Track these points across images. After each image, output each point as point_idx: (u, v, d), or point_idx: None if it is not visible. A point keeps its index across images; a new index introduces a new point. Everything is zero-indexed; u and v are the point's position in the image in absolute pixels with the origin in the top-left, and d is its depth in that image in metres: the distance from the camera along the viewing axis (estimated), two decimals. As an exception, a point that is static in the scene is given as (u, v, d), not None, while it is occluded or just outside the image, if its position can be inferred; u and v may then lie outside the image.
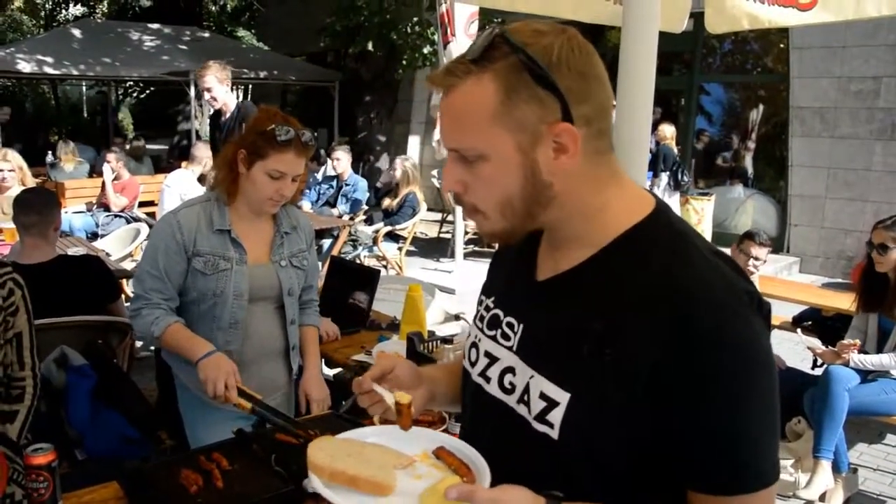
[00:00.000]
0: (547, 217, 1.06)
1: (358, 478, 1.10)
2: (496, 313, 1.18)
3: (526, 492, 0.98)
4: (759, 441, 0.96)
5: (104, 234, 7.11)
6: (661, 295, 0.96)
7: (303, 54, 15.26)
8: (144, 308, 2.29)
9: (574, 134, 0.98)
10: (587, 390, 1.00)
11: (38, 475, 1.71)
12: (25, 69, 11.29)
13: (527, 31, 0.99)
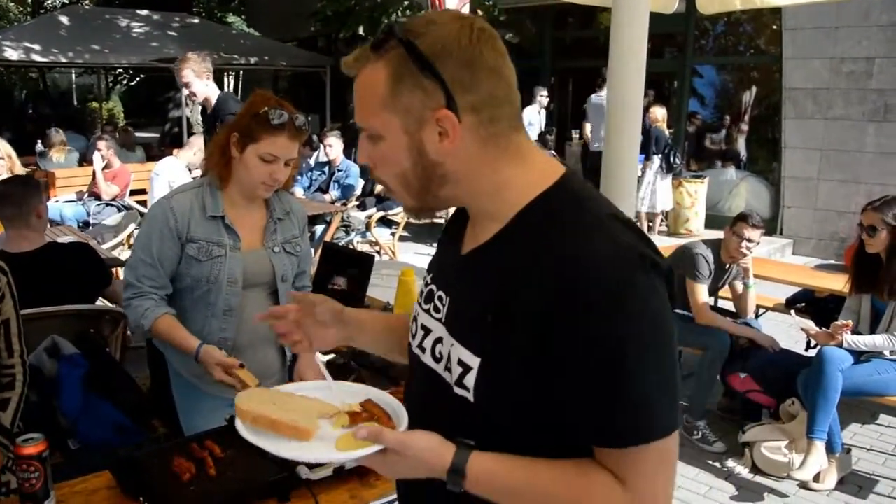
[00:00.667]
0: (447, 194, 1.14)
1: (279, 422, 1.15)
2: (431, 288, 1.25)
3: (435, 436, 1.08)
4: (650, 397, 1.01)
5: (95, 223, 7.08)
6: (549, 264, 1.02)
7: (294, 40, 15.17)
8: (135, 299, 2.28)
9: (453, 121, 1.06)
10: (493, 355, 1.07)
11: (28, 465, 1.70)
12: (13, 57, 11.17)
13: (421, 22, 1.08)
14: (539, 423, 1.06)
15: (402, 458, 1.08)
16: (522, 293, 1.03)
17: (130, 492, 1.78)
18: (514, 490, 1.07)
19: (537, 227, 1.08)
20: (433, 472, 1.08)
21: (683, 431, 4.26)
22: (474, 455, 1.07)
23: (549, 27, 12.40)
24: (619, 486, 1.02)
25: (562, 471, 1.05)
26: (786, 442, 3.86)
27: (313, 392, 1.29)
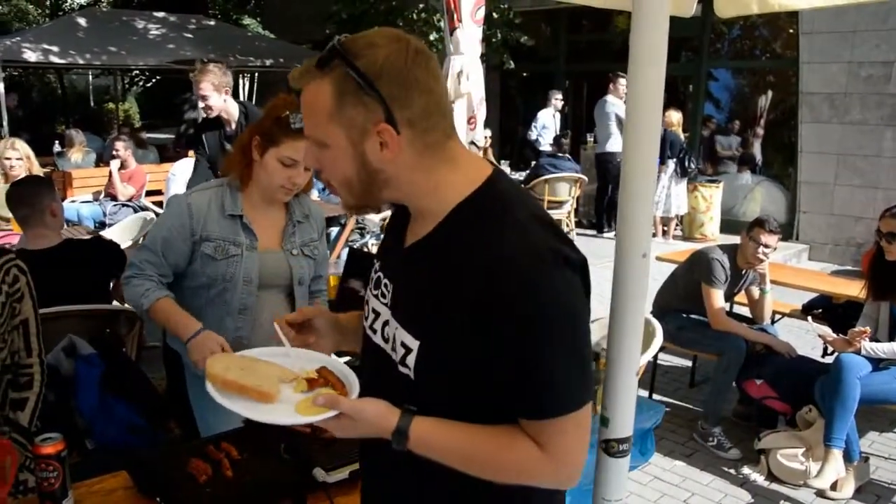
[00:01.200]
0: (388, 195, 1.27)
1: (246, 387, 1.29)
2: (379, 275, 1.39)
3: (383, 403, 1.25)
4: (562, 375, 1.16)
5: (112, 224, 7.12)
6: (473, 259, 1.16)
7: (308, 42, 15.19)
8: (135, 278, 2.30)
9: (392, 133, 1.17)
10: (430, 338, 1.22)
11: (47, 465, 1.71)
12: (32, 58, 11.25)
13: (363, 42, 1.18)
14: (470, 397, 1.22)
15: (354, 422, 1.24)
16: (453, 284, 1.18)
17: (147, 492, 1.78)
18: (449, 449, 1.23)
19: (465, 224, 1.21)
20: (381, 433, 1.24)
21: (698, 438, 4.24)
22: (416, 419, 1.23)
23: (564, 30, 12.38)
24: (538, 449, 1.19)
25: (492, 434, 1.22)
26: (802, 449, 3.82)
27: (275, 358, 1.42)
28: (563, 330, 1.16)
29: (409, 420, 1.23)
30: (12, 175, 5.45)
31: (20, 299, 2.22)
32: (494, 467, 1.23)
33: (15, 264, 2.21)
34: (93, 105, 23.46)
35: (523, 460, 1.20)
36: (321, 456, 1.84)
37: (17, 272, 2.21)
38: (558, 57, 12.42)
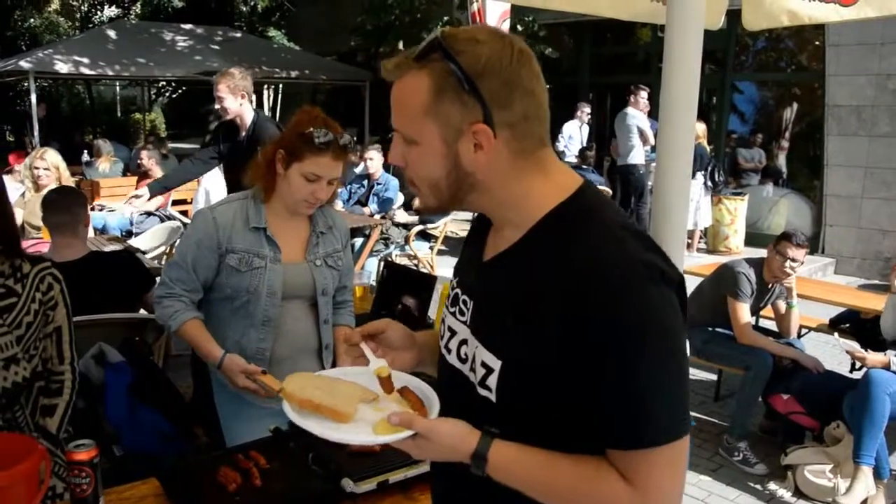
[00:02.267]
0: (472, 201, 1.20)
1: (321, 406, 1.24)
2: (457, 292, 1.31)
3: (462, 424, 1.16)
4: (657, 402, 1.06)
5: (138, 233, 7.19)
6: (563, 271, 1.08)
7: (333, 54, 15.32)
8: (167, 298, 2.35)
9: (489, 135, 1.11)
10: (513, 358, 1.14)
11: (80, 471, 1.73)
12: (63, 70, 11.47)
13: (465, 37, 1.11)
14: (554, 423, 1.13)
15: (431, 443, 1.16)
16: (539, 299, 1.10)
17: (177, 500, 1.80)
18: (530, 477, 1.14)
19: (553, 236, 1.13)
20: (458, 456, 1.16)
21: (724, 452, 4.19)
22: (497, 443, 1.14)
23: (588, 42, 12.38)
24: (626, 484, 1.08)
25: (576, 464, 1.11)
26: (830, 466, 3.77)
27: (355, 377, 1.35)
28: (660, 350, 1.06)
29: (489, 444, 1.14)
30: (42, 185, 5.53)
31: (54, 307, 2.25)
32: (575, 499, 1.13)
33: (50, 272, 2.24)
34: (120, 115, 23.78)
35: (607, 494, 1.09)
36: (349, 466, 1.84)
37: (52, 280, 2.24)
38: (582, 69, 12.41)
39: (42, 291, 2.20)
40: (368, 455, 1.92)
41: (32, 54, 12.42)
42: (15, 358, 2.11)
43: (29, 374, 2.16)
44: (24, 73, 11.33)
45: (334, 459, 1.88)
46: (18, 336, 2.12)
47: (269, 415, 2.26)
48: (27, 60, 11.50)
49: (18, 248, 2.18)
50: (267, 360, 2.37)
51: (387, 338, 1.38)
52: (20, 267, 2.17)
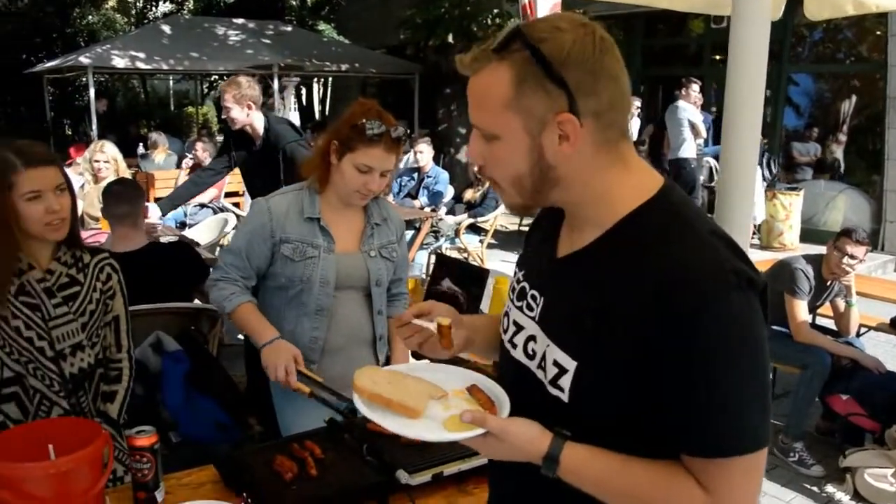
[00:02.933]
0: (556, 197, 1.16)
1: (391, 401, 1.25)
2: (524, 286, 1.29)
3: (534, 425, 1.14)
4: (739, 410, 1.04)
5: (192, 224, 7.32)
6: (649, 274, 1.05)
7: (382, 47, 15.37)
8: (222, 281, 2.40)
9: (575, 125, 1.07)
10: (590, 359, 1.11)
11: (141, 456, 1.77)
12: (120, 64, 11.74)
13: (546, 26, 1.08)
14: (630, 427, 1.10)
15: (502, 443, 1.14)
16: (621, 300, 1.07)
17: (234, 488, 1.82)
18: (603, 481, 1.12)
19: (638, 236, 1.10)
20: (529, 457, 1.14)
21: (779, 452, 4.11)
22: (569, 445, 1.12)
23: (640, 34, 12.21)
24: (703, 492, 1.06)
25: (650, 470, 1.10)
26: (892, 470, 3.67)
27: (425, 374, 1.36)
28: (743, 357, 1.04)
29: (562, 446, 1.12)
30: (101, 177, 5.67)
31: (112, 296, 2.31)
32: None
33: (108, 263, 2.30)
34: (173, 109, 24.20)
35: (683, 501, 1.08)
36: (404, 458, 1.85)
37: (111, 270, 2.30)
38: (633, 61, 12.25)
39: (102, 281, 2.27)
40: (423, 447, 1.92)
41: (91, 50, 12.74)
42: (80, 345, 2.18)
43: (93, 360, 2.22)
44: (83, 69, 11.63)
45: (388, 451, 1.89)
46: (83, 323, 2.18)
47: (323, 405, 2.28)
48: (86, 56, 11.81)
49: (80, 240, 2.24)
50: (320, 350, 2.39)
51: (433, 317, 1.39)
52: (81, 257, 2.24)
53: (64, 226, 2.09)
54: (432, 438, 1.23)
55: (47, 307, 2.12)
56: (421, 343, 1.42)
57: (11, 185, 2.00)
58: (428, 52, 12.47)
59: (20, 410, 2.13)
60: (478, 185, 7.72)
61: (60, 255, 2.18)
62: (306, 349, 2.37)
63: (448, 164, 11.12)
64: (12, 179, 2.00)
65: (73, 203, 2.12)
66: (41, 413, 2.14)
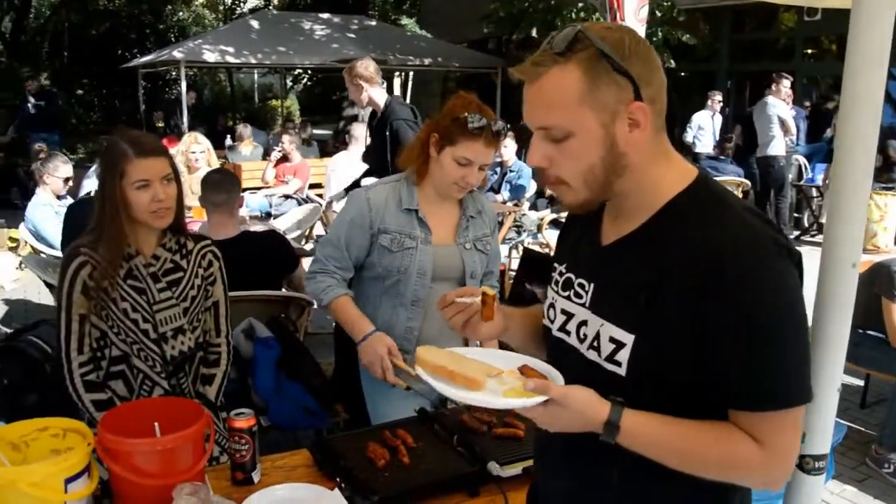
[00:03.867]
0: (620, 186, 1.24)
1: (455, 373, 1.32)
2: (568, 277, 1.38)
3: (592, 392, 1.21)
4: (790, 366, 1.15)
5: (277, 215, 7.49)
6: (698, 249, 1.15)
7: (464, 41, 15.41)
8: (320, 273, 2.43)
9: (646, 111, 1.18)
10: (647, 331, 1.20)
11: (240, 437, 1.83)
12: (210, 59, 12.12)
13: (599, 28, 1.18)
14: (684, 391, 1.19)
15: (563, 410, 1.21)
16: (673, 274, 1.17)
17: (327, 472, 1.86)
18: (663, 443, 1.20)
19: (683, 216, 1.21)
20: (589, 425, 1.21)
21: (872, 463, 3.96)
22: (627, 411, 1.20)
23: (727, 28, 11.91)
24: (756, 445, 1.16)
25: (704, 429, 1.19)
26: None
27: (482, 356, 1.43)
28: (789, 319, 1.14)
29: (621, 411, 1.20)
30: (194, 167, 5.86)
31: (213, 282, 2.38)
32: (711, 461, 1.20)
33: (210, 250, 2.38)
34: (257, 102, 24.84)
35: (741, 454, 1.17)
36: (495, 450, 1.86)
37: (212, 257, 2.38)
38: (720, 56, 11.95)
39: (203, 267, 2.35)
40: (513, 440, 1.93)
41: (183, 45, 13.19)
42: (182, 328, 2.26)
43: (193, 344, 2.30)
44: (175, 63, 12.04)
45: (479, 443, 1.91)
46: (185, 308, 2.27)
47: (412, 395, 2.31)
48: (179, 51, 12.23)
49: (184, 227, 2.33)
50: (415, 340, 2.42)
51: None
52: (185, 244, 2.32)
53: (168, 214, 2.17)
54: (496, 405, 1.30)
55: (152, 291, 2.21)
56: (465, 323, 1.50)
57: (123, 173, 2.10)
58: (511, 47, 12.43)
59: (126, 389, 2.24)
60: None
61: (166, 242, 2.27)
62: (401, 339, 2.40)
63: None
64: (124, 168, 2.10)
65: (178, 192, 2.21)
66: (143, 392, 2.24)
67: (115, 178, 2.10)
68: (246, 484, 1.83)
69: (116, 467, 1.66)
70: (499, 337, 1.56)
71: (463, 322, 1.49)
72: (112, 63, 18.72)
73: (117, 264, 2.16)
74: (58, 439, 1.73)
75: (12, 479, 1.52)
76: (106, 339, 2.20)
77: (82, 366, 2.16)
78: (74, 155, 13.95)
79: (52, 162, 5.59)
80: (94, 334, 2.18)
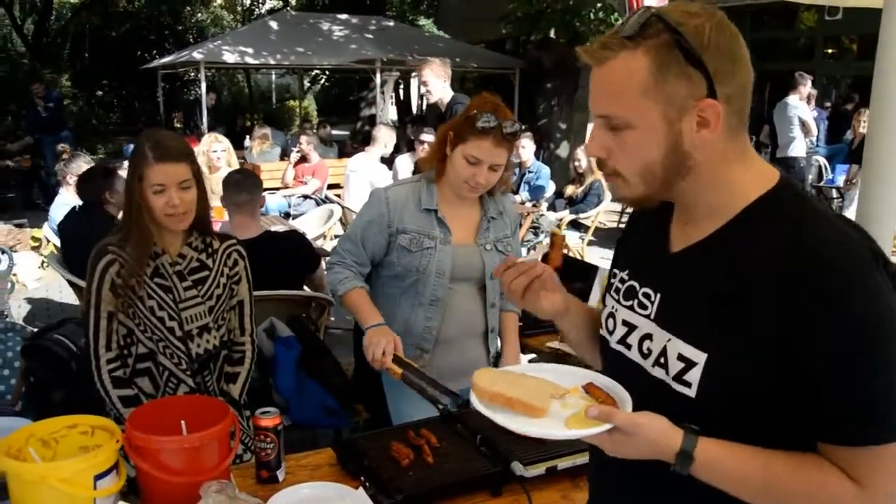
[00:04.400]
0: (683, 186, 1.13)
1: (513, 400, 1.22)
2: (632, 285, 1.27)
3: (663, 420, 1.09)
4: (887, 393, 0.99)
5: (296, 216, 7.53)
6: (788, 258, 1.02)
7: (481, 42, 15.39)
8: (338, 265, 2.46)
9: (717, 109, 1.06)
10: (721, 350, 1.07)
11: (265, 436, 1.84)
12: (230, 60, 12.19)
13: (679, 11, 1.07)
14: (763, 418, 1.06)
15: (630, 438, 1.10)
16: (753, 287, 1.04)
17: (351, 471, 1.87)
18: (740, 476, 1.07)
19: (765, 222, 1.08)
20: (660, 454, 1.10)
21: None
22: (703, 440, 1.08)
23: (747, 27, 11.81)
24: (853, 485, 1.02)
25: (791, 462, 1.05)
26: None
27: (541, 374, 1.33)
28: (887, 340, 1.00)
29: (695, 440, 1.07)
30: (215, 167, 5.91)
31: (238, 281, 2.40)
32: (793, 499, 1.06)
33: (236, 249, 2.41)
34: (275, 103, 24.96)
35: (832, 493, 1.03)
36: (518, 450, 1.86)
37: (238, 256, 2.40)
38: (740, 55, 11.87)
39: (229, 266, 2.37)
40: (537, 440, 1.93)
41: (203, 46, 13.27)
42: (207, 327, 2.28)
43: (218, 342, 2.33)
44: (195, 64, 12.12)
45: (502, 442, 1.91)
46: (210, 307, 2.29)
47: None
48: (199, 52, 12.31)
49: (210, 226, 2.35)
50: (433, 340, 2.43)
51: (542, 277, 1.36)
52: (210, 243, 2.34)
53: (185, 219, 2.20)
54: (558, 436, 1.18)
55: (178, 290, 2.23)
56: (525, 290, 1.36)
57: (142, 176, 2.14)
58: (529, 47, 12.41)
59: (152, 386, 2.26)
60: (579, 180, 7.65)
61: (192, 241, 2.30)
62: (420, 338, 2.42)
63: (548, 159, 11.02)
64: (143, 171, 2.14)
65: (200, 195, 2.22)
66: (169, 389, 2.27)
67: (136, 180, 2.15)
68: (271, 482, 1.85)
69: (144, 464, 1.68)
70: (559, 317, 1.43)
71: (524, 287, 1.36)
72: (131, 64, 18.91)
73: (144, 262, 2.19)
74: (86, 436, 1.75)
75: (43, 475, 1.55)
76: (133, 336, 2.23)
77: (110, 362, 2.19)
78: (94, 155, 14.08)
79: (74, 162, 5.66)
80: (121, 332, 2.22)
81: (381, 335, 2.27)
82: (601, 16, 9.87)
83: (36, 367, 3.10)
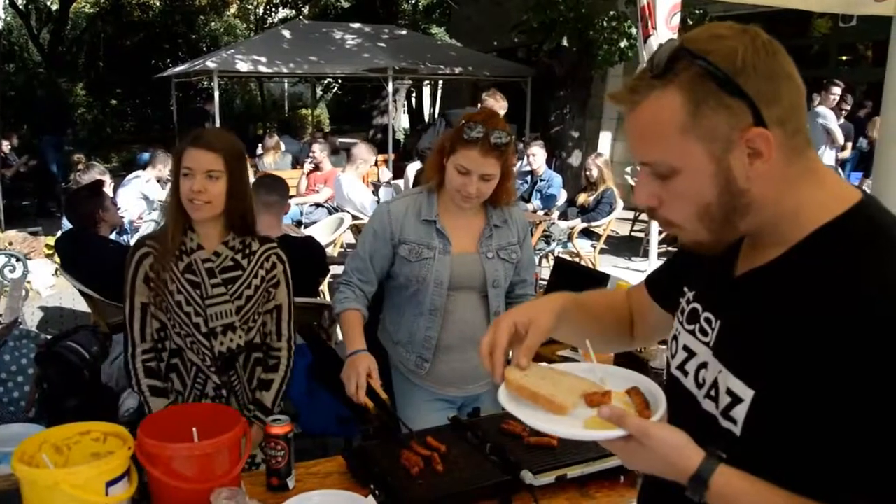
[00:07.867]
0: (748, 224, 1.04)
1: (537, 394, 1.17)
2: (695, 307, 1.18)
3: (682, 435, 1.02)
4: None
5: (308, 224, 7.54)
6: (848, 294, 0.93)
7: (494, 50, 15.43)
8: (343, 285, 2.50)
9: (768, 138, 0.97)
10: (770, 388, 0.99)
11: (276, 444, 1.85)
12: (243, 68, 12.28)
13: (705, 37, 0.99)
14: (807, 465, 0.97)
15: (642, 449, 1.03)
16: (810, 322, 0.96)
17: (361, 479, 1.87)
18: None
19: (832, 249, 0.99)
20: (673, 473, 1.03)
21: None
22: (723, 468, 1.00)
23: (761, 35, 11.79)
24: None
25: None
26: None
27: (586, 374, 1.27)
28: None
29: (714, 466, 0.99)
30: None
31: (276, 285, 2.38)
32: None
33: (275, 252, 2.39)
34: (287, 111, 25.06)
35: None
36: (527, 459, 1.86)
37: (276, 260, 2.39)
38: (752, 63, 11.82)
39: (266, 269, 2.36)
40: (546, 448, 1.93)
41: (216, 55, 13.37)
42: (232, 326, 2.27)
43: (243, 343, 2.30)
44: (208, 72, 12.21)
45: (511, 451, 1.91)
46: (238, 306, 2.28)
47: (436, 399, 2.44)
48: (213, 60, 12.42)
49: (252, 228, 2.35)
50: (433, 349, 2.46)
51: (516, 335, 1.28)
52: (249, 245, 2.34)
53: (206, 209, 2.19)
54: (564, 434, 1.16)
55: (206, 286, 2.24)
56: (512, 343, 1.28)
57: (179, 160, 2.21)
58: (541, 56, 12.42)
59: (180, 382, 2.30)
60: (591, 189, 7.64)
61: (229, 240, 2.30)
62: (421, 347, 2.46)
63: (560, 168, 11.02)
64: (180, 155, 2.21)
65: (234, 191, 2.22)
66: (197, 386, 2.29)
67: (175, 164, 2.22)
68: (281, 490, 1.85)
69: (155, 471, 1.69)
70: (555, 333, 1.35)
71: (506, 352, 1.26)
72: (145, 73, 19.06)
73: (172, 252, 2.22)
74: (98, 443, 1.76)
75: (56, 481, 1.56)
76: (165, 331, 2.28)
77: (145, 353, 2.25)
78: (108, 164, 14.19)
79: (88, 172, 5.72)
80: (154, 325, 2.27)
81: (355, 367, 2.28)
82: (614, 24, 9.85)
83: (49, 375, 3.12)
